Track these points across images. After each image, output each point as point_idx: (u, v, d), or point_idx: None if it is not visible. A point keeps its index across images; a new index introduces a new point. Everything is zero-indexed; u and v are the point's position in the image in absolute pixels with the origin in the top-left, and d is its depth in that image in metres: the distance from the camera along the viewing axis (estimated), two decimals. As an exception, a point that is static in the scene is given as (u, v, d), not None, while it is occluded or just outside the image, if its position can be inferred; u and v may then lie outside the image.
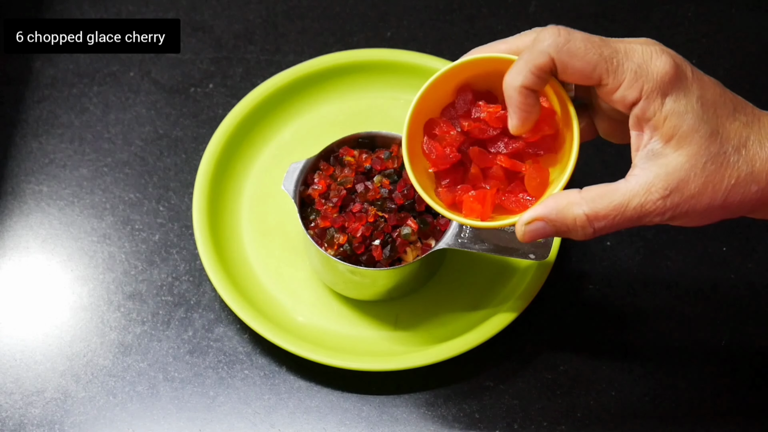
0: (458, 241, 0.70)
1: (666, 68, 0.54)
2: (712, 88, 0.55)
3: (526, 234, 0.57)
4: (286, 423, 0.72)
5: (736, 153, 0.54)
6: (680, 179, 0.54)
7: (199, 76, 0.88)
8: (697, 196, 0.54)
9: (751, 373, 0.73)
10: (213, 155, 0.80)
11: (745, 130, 0.55)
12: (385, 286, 0.73)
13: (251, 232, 0.80)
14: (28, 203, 0.81)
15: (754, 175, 0.54)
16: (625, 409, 0.72)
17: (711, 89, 0.55)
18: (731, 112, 0.55)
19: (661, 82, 0.54)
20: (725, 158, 0.54)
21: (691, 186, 0.54)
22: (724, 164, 0.54)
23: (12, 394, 0.73)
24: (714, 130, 0.54)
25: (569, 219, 0.56)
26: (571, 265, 0.78)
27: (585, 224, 0.55)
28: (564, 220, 0.56)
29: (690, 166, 0.54)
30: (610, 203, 0.55)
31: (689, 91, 0.54)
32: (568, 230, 0.56)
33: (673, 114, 0.54)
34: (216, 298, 0.77)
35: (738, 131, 0.55)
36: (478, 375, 0.73)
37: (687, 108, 0.54)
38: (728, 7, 0.91)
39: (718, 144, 0.54)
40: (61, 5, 0.91)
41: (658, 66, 0.54)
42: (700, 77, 0.55)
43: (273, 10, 0.92)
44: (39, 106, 0.86)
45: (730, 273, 0.77)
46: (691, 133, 0.54)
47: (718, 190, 0.54)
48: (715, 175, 0.54)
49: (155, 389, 0.73)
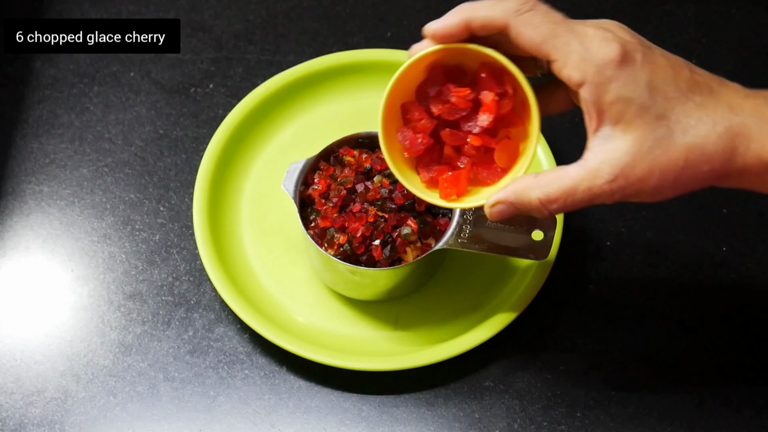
0: (458, 241, 0.70)
1: (611, 55, 0.55)
2: (664, 70, 0.56)
3: (492, 215, 0.61)
4: (286, 423, 0.72)
5: (684, 135, 0.55)
6: (626, 164, 0.55)
7: (199, 76, 0.88)
8: (643, 179, 0.55)
9: (751, 373, 0.73)
10: (213, 155, 0.80)
11: (698, 111, 0.55)
12: (385, 286, 0.73)
13: (251, 232, 0.80)
14: (29, 203, 0.81)
15: (705, 156, 0.55)
16: (625, 409, 0.72)
17: (663, 72, 0.55)
18: (684, 93, 0.55)
19: (606, 68, 0.55)
20: (673, 141, 0.55)
21: (637, 170, 0.55)
22: (671, 147, 0.55)
23: (12, 394, 0.73)
24: (662, 113, 0.55)
25: (526, 202, 0.59)
26: (571, 265, 0.78)
27: (540, 207, 0.58)
28: (522, 203, 0.59)
29: (635, 150, 0.55)
30: (560, 188, 0.57)
31: (636, 76, 0.55)
32: (528, 211, 0.59)
33: (618, 100, 0.55)
34: (216, 298, 0.77)
35: (689, 112, 0.55)
36: (478, 375, 0.73)
37: (633, 93, 0.55)
38: (728, 7, 0.91)
39: (665, 127, 0.55)
40: (61, 5, 0.91)
41: (604, 52, 0.55)
42: (652, 60, 0.56)
43: (273, 10, 0.92)
44: (39, 106, 0.86)
45: (730, 273, 0.77)
46: (637, 118, 0.55)
47: (666, 172, 0.55)
48: (661, 158, 0.55)
49: (155, 389, 0.73)
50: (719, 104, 0.55)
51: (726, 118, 0.55)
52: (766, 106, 0.55)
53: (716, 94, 0.56)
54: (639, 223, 0.80)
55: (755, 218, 0.80)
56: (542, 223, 0.71)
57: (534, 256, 0.71)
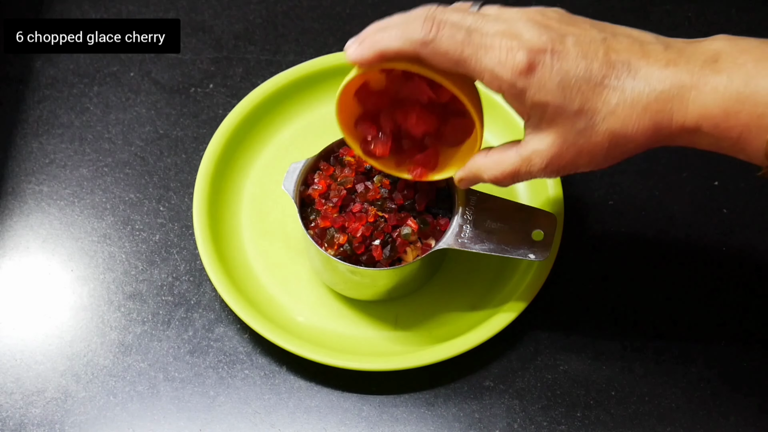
0: (458, 241, 0.70)
1: (519, 66, 0.56)
2: (575, 63, 0.56)
3: (460, 186, 0.67)
4: (286, 423, 0.72)
5: (604, 122, 0.56)
6: (553, 154, 0.59)
7: (199, 76, 0.88)
8: (574, 161, 0.59)
9: (751, 374, 0.73)
10: (213, 155, 0.80)
11: (615, 95, 0.56)
12: (385, 286, 0.73)
13: (251, 232, 0.80)
14: (29, 203, 0.81)
15: (627, 137, 0.56)
16: (625, 409, 0.72)
17: (574, 66, 0.56)
18: (600, 81, 0.56)
19: (517, 80, 0.56)
20: (594, 129, 0.57)
21: (566, 157, 0.58)
22: (594, 135, 0.57)
23: (12, 394, 0.73)
24: (580, 107, 0.56)
25: (481, 180, 0.65)
26: (571, 264, 0.78)
27: (493, 183, 0.64)
28: (478, 179, 0.65)
29: (561, 142, 0.58)
30: (505, 171, 0.62)
31: (547, 81, 0.56)
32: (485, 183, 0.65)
33: (535, 106, 0.57)
34: (216, 298, 0.77)
35: (606, 100, 0.56)
36: (478, 375, 0.73)
37: (547, 97, 0.56)
38: (728, 7, 0.91)
39: (584, 119, 0.56)
40: (61, 5, 0.91)
41: (512, 64, 0.56)
42: (561, 57, 0.56)
43: (273, 10, 0.92)
44: (39, 106, 0.86)
45: (730, 273, 0.77)
46: (556, 117, 0.57)
47: (594, 154, 0.58)
48: (586, 145, 0.57)
49: (155, 389, 0.73)
50: (636, 83, 0.56)
51: (644, 95, 0.55)
52: (686, 72, 0.55)
53: (634, 72, 0.56)
54: (639, 223, 0.80)
55: (755, 218, 0.80)
56: (542, 223, 0.71)
57: (534, 256, 0.71)
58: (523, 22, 0.57)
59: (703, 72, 0.54)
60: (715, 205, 0.81)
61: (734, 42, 0.55)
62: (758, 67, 0.53)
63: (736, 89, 0.53)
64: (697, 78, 0.54)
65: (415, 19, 0.58)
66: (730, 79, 0.54)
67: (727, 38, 0.56)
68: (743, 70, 0.54)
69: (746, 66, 0.54)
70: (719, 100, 0.54)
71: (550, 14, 0.59)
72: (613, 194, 0.81)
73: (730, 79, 0.54)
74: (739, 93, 0.53)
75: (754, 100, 0.53)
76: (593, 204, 0.81)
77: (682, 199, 0.81)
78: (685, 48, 0.56)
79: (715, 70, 0.54)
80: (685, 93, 0.55)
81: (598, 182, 0.82)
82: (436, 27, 0.57)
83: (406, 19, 0.59)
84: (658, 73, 0.55)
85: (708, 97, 0.54)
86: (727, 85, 0.54)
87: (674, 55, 0.56)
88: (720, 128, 0.54)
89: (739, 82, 0.53)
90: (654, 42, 0.57)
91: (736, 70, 0.54)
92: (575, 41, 0.57)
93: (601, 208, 0.81)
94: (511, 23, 0.58)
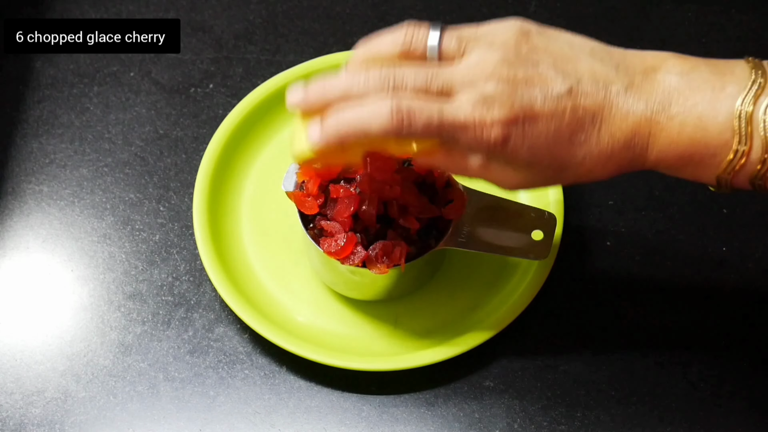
0: (458, 241, 0.70)
1: (495, 141, 0.57)
2: (546, 127, 0.57)
3: None
4: (286, 423, 0.72)
5: (571, 170, 0.59)
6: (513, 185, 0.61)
7: (199, 76, 0.88)
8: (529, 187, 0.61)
9: (751, 374, 0.73)
10: (213, 155, 0.80)
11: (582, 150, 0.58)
12: (385, 286, 0.73)
13: (251, 232, 0.80)
14: (29, 203, 0.81)
15: (592, 179, 0.59)
16: (625, 409, 0.72)
17: (545, 129, 0.57)
18: (567, 138, 0.57)
19: (492, 150, 0.58)
20: (560, 177, 0.59)
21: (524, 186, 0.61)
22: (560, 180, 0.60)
23: (12, 394, 0.73)
24: (549, 164, 0.58)
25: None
26: (571, 265, 0.78)
27: None
28: None
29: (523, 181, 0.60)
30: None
31: (520, 146, 0.57)
32: None
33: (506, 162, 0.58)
34: (216, 298, 0.77)
35: (575, 153, 0.58)
36: (478, 375, 0.73)
37: (517, 158, 0.58)
38: (728, 7, 0.91)
39: (552, 170, 0.59)
40: (61, 5, 0.91)
41: (487, 139, 0.57)
42: (533, 123, 0.57)
43: (273, 10, 0.92)
44: (39, 106, 0.86)
45: (730, 273, 0.77)
46: (524, 168, 0.59)
47: (569, 182, 0.61)
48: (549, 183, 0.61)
49: (155, 389, 0.73)
50: (601, 137, 0.57)
51: (609, 147, 0.57)
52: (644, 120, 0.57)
53: (598, 124, 0.57)
54: (639, 223, 0.80)
55: (755, 218, 0.80)
56: (542, 223, 0.71)
57: (534, 256, 0.71)
58: (492, 83, 0.57)
59: (659, 118, 0.57)
60: (715, 205, 0.81)
61: (687, 77, 0.57)
62: (709, 108, 0.56)
63: (689, 135, 0.57)
64: (654, 125, 0.57)
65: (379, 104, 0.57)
66: (683, 124, 0.56)
67: (680, 65, 0.58)
68: (695, 111, 0.56)
69: (698, 107, 0.56)
70: (674, 147, 0.57)
71: (513, 49, 0.58)
72: (613, 194, 0.81)
73: (683, 125, 0.56)
74: (691, 138, 0.57)
75: (705, 143, 0.56)
76: (593, 204, 0.81)
77: (682, 199, 0.81)
78: (642, 85, 0.58)
79: (669, 117, 0.57)
80: (644, 141, 0.57)
81: (598, 182, 0.82)
82: (406, 117, 0.57)
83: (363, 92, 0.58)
84: (620, 124, 0.57)
85: (664, 143, 0.57)
86: (680, 132, 0.57)
87: (634, 99, 0.57)
88: (675, 168, 0.59)
89: (692, 127, 0.56)
90: (615, 80, 0.58)
91: (689, 112, 0.56)
92: (543, 99, 0.57)
93: (601, 208, 0.81)
94: (479, 84, 0.57)
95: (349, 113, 0.58)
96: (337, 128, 0.58)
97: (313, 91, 0.60)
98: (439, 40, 0.59)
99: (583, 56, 0.58)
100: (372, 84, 0.58)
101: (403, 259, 0.67)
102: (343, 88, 0.59)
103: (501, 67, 0.57)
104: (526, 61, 0.57)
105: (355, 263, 0.68)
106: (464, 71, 0.58)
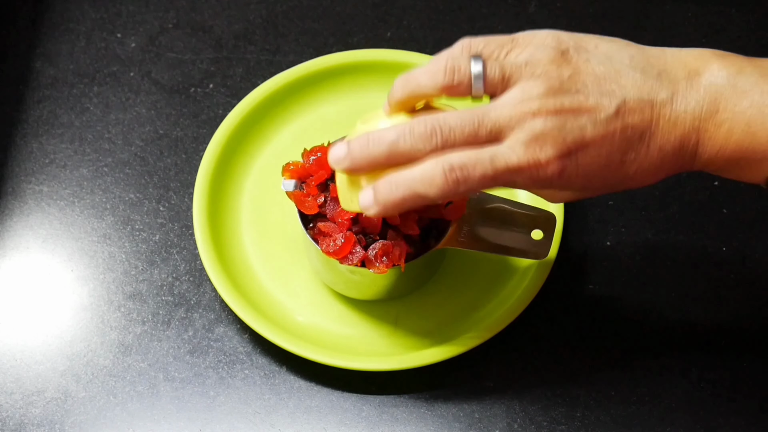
0: (458, 241, 0.70)
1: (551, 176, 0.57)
2: (598, 153, 0.57)
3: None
4: (286, 423, 0.72)
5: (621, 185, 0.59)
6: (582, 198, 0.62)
7: (199, 76, 0.88)
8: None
9: (751, 374, 0.73)
10: (213, 155, 0.80)
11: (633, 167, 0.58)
12: (385, 286, 0.73)
13: (251, 232, 0.80)
14: (29, 203, 0.81)
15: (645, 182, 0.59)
16: (625, 409, 0.72)
17: (597, 156, 0.57)
18: (619, 160, 0.57)
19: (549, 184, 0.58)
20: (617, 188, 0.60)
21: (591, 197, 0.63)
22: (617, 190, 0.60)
23: (12, 394, 0.73)
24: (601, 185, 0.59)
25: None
26: (571, 265, 0.77)
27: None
28: None
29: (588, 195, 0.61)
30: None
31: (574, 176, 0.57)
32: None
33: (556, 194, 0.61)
34: (216, 298, 0.77)
35: (626, 171, 0.58)
36: (478, 375, 0.73)
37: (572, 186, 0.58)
38: (728, 7, 0.91)
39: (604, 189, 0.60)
40: (61, 5, 0.91)
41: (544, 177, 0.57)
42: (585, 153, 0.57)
43: (273, 10, 0.92)
44: (39, 106, 0.86)
45: (730, 273, 0.77)
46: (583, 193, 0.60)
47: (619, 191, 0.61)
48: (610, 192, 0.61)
49: (155, 389, 0.73)
50: (650, 152, 0.57)
51: (657, 160, 0.58)
52: (691, 130, 0.57)
53: (646, 141, 0.57)
54: (639, 223, 0.80)
55: (755, 218, 0.80)
56: (542, 223, 0.71)
57: (534, 256, 0.71)
58: (541, 119, 0.56)
59: (707, 126, 0.57)
60: (715, 205, 0.81)
61: (732, 80, 0.57)
62: (758, 113, 0.56)
63: (737, 142, 0.57)
64: (702, 133, 0.57)
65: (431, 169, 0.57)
66: (731, 131, 0.56)
67: (724, 68, 0.58)
68: (743, 118, 0.56)
69: (746, 113, 0.56)
70: (722, 152, 0.57)
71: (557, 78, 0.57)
72: (613, 194, 0.81)
73: (730, 132, 0.56)
74: (740, 145, 0.57)
75: (754, 149, 0.56)
76: (593, 204, 0.81)
77: (682, 199, 0.81)
78: (687, 93, 0.57)
79: (717, 124, 0.57)
80: (693, 148, 0.57)
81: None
82: (461, 176, 0.56)
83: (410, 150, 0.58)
84: (668, 136, 0.57)
85: (712, 150, 0.57)
86: (728, 138, 0.57)
87: (680, 109, 0.57)
88: (722, 171, 0.59)
89: (740, 133, 0.56)
90: (659, 91, 0.57)
91: (737, 119, 0.56)
92: (593, 126, 0.56)
93: (601, 208, 0.81)
94: (527, 122, 0.56)
95: (401, 181, 0.57)
96: (392, 198, 0.58)
97: (357, 150, 0.59)
98: (483, 73, 0.57)
99: (624, 69, 0.57)
100: (418, 140, 0.57)
101: (402, 259, 0.67)
102: (388, 146, 0.58)
103: (546, 100, 0.56)
104: (570, 88, 0.57)
105: (353, 263, 0.68)
106: (510, 110, 0.56)
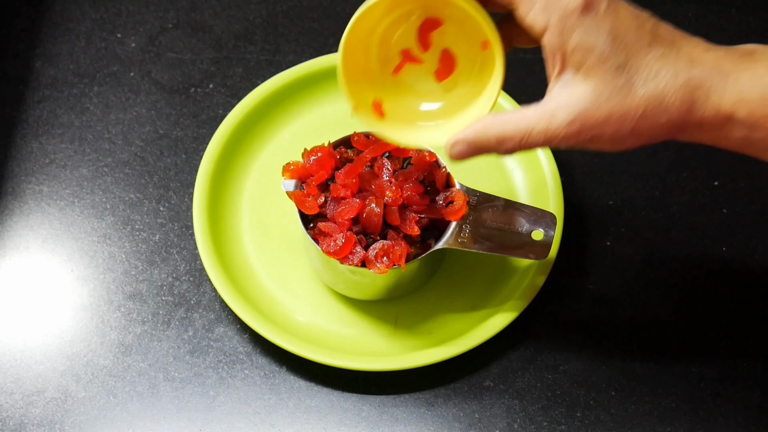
0: (458, 241, 0.70)
1: (575, 2, 0.55)
2: (627, 21, 0.56)
3: (452, 155, 0.61)
4: (286, 423, 0.72)
5: (644, 86, 0.56)
6: (583, 109, 0.56)
7: (199, 76, 0.88)
8: (600, 125, 0.56)
9: (752, 374, 0.73)
10: (213, 155, 0.80)
11: (658, 63, 0.56)
12: (385, 286, 0.73)
13: (251, 232, 0.80)
14: (29, 203, 0.81)
15: (663, 106, 0.56)
16: (625, 409, 0.72)
17: (626, 23, 0.56)
18: (646, 44, 0.56)
19: (570, 15, 0.55)
20: (632, 90, 0.56)
21: (594, 116, 0.56)
22: (630, 96, 0.56)
23: (12, 394, 0.73)
24: (622, 63, 0.55)
25: (484, 140, 0.60)
26: (571, 265, 0.78)
27: (496, 145, 0.59)
28: (480, 141, 0.60)
29: (594, 96, 0.56)
30: (517, 127, 0.58)
31: (600, 25, 0.55)
32: (486, 150, 0.60)
33: (580, 47, 0.56)
34: (216, 298, 0.77)
35: (650, 64, 0.56)
36: (478, 375, 0.73)
37: (595, 42, 0.55)
38: (728, 7, 0.91)
39: (625, 77, 0.56)
40: (61, 5, 0.91)
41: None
42: (615, 10, 0.56)
43: (273, 10, 0.92)
44: (39, 106, 0.86)
45: (730, 273, 0.77)
46: (597, 66, 0.55)
47: (623, 120, 0.56)
48: (620, 106, 0.56)
49: (155, 389, 0.73)
50: (680, 57, 0.56)
51: (686, 70, 0.56)
52: (726, 59, 0.56)
53: (678, 47, 0.56)
54: (639, 223, 0.80)
55: (755, 218, 0.80)
56: (542, 223, 0.71)
57: (534, 256, 0.71)
58: None
59: (742, 60, 0.56)
60: (715, 205, 0.81)
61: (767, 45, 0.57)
62: None
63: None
64: (736, 64, 0.56)
65: None
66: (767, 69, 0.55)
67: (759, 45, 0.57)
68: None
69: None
70: (757, 86, 0.55)
71: None
72: (613, 194, 0.81)
73: (767, 69, 0.55)
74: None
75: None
76: (593, 204, 0.81)
77: (682, 199, 0.81)
78: (723, 47, 0.57)
79: (753, 60, 0.56)
80: (723, 76, 0.56)
81: (598, 182, 0.82)
82: None
83: None
84: (701, 54, 0.56)
85: (746, 84, 0.55)
86: (764, 73, 0.55)
87: (713, 46, 0.57)
88: (755, 116, 0.55)
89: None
90: (692, 36, 0.58)
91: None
92: (626, 6, 0.57)
93: (601, 208, 0.81)
94: None
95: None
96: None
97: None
98: None
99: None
100: None
101: (403, 259, 0.67)
102: None
103: None
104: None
105: (354, 263, 0.68)
106: None
